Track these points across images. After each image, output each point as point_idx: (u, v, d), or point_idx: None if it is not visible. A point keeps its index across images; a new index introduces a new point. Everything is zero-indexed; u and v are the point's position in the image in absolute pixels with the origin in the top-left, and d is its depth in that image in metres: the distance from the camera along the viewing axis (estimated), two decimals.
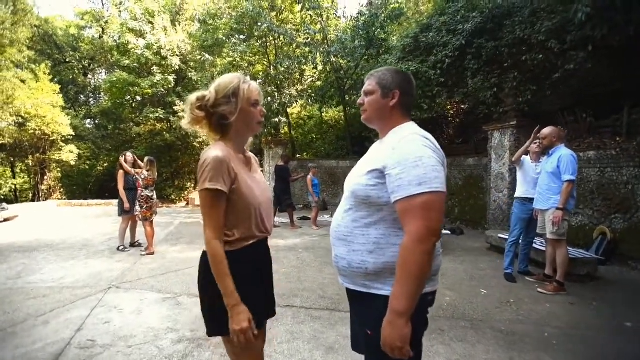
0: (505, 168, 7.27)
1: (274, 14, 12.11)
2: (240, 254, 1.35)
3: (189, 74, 15.50)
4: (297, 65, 12.03)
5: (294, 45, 12.09)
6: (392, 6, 10.99)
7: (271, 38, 12.60)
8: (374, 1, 11.68)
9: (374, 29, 10.69)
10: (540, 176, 4.07)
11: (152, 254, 5.37)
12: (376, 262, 1.24)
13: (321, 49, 11.35)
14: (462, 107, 10.57)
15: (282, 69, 12.07)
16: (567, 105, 6.71)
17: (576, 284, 4.06)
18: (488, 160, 7.70)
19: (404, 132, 1.27)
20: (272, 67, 12.84)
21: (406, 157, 1.16)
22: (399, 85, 1.34)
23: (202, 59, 12.59)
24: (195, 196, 15.03)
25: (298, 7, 12.11)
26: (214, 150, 1.30)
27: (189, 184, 18.05)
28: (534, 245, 4.64)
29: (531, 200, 4.19)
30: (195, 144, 16.01)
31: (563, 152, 3.83)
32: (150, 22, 15.35)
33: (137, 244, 5.92)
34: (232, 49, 12.22)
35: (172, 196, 17.06)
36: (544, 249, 4.45)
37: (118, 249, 5.67)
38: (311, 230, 7.82)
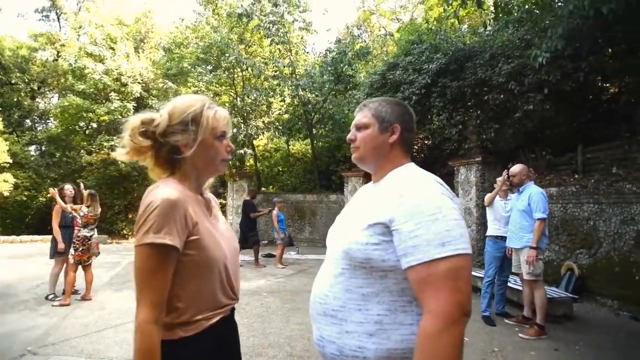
0: (473, 203, 7.34)
1: (242, 46, 12.11)
2: (199, 341, 0.95)
3: (151, 101, 14.88)
4: (264, 97, 11.93)
5: (262, 78, 12.06)
6: (359, 45, 11.41)
7: (239, 69, 12.50)
8: (342, 39, 12.10)
9: (342, 65, 10.96)
10: (512, 214, 4.03)
11: (68, 304, 4.46)
12: (379, 349, 0.91)
13: (289, 82, 11.38)
14: (426, 142, 10.88)
15: (249, 100, 11.90)
16: (525, 143, 7.02)
17: (554, 324, 3.92)
18: (454, 196, 7.79)
19: (410, 175, 1.01)
20: (238, 98, 12.65)
21: (421, 208, 0.89)
22: (400, 118, 1.09)
23: (165, 87, 12.13)
24: None
25: (267, 41, 12.23)
26: (164, 190, 0.94)
27: None
28: (509, 284, 4.51)
29: (503, 238, 4.11)
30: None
31: (533, 190, 3.82)
32: (112, 48, 14.77)
33: (75, 291, 5.04)
34: (198, 79, 11.91)
35: (124, 231, 15.66)
36: (519, 287, 4.33)
37: (47, 298, 4.77)
38: (276, 270, 7.28)
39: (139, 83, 14.72)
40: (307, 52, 13.31)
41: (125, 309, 4.42)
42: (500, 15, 7.91)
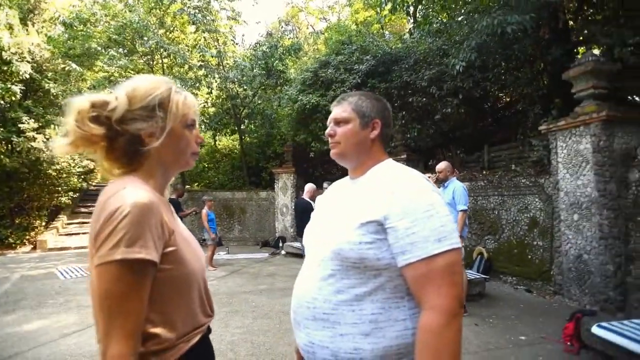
0: None
1: (162, 30, 11.04)
2: None
3: (46, 84, 12.64)
4: (189, 89, 11.10)
5: (187, 67, 11.18)
6: (290, 41, 11.34)
7: (158, 56, 11.39)
8: (273, 33, 11.89)
9: (272, 59, 10.77)
10: None
11: None
12: (375, 349, 0.90)
13: (217, 74, 10.78)
14: None
15: None
16: (442, 142, 7.82)
17: (472, 302, 4.45)
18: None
19: (397, 171, 1.01)
20: None
21: (415, 205, 0.90)
22: (380, 114, 1.08)
23: (68, 68, 10.42)
24: (49, 237, 11.84)
25: (192, 28, 11.38)
26: (133, 192, 0.77)
27: (37, 222, 14.20)
28: None
29: None
30: (50, 171, 12.82)
31: (456, 185, 4.28)
32: None
33: None
34: (109, 62, 10.50)
35: (11, 239, 13.07)
36: None
37: None
38: (208, 272, 6.85)
39: (27, 62, 12.34)
40: (237, 44, 12.77)
41: (22, 333, 3.69)
42: (421, 26, 8.66)
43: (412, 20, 10.92)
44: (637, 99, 4.74)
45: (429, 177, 4.61)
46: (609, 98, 4.52)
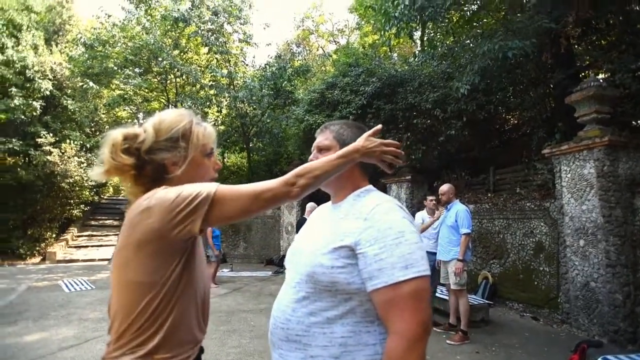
0: None
1: (176, 51, 11.50)
2: None
3: (64, 101, 13.17)
4: (200, 107, 11.42)
5: (198, 86, 11.54)
6: (299, 62, 11.65)
7: (172, 75, 11.81)
8: (282, 55, 12.24)
9: (281, 80, 11.05)
10: (441, 229, 4.41)
11: None
12: None
13: (227, 93, 11.08)
14: None
15: (184, 108, 11.28)
16: (447, 164, 7.80)
17: (475, 329, 4.33)
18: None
19: (373, 198, 1.04)
20: (170, 105, 11.89)
21: (385, 231, 0.93)
22: None
23: (85, 86, 10.86)
24: (58, 249, 12.01)
25: (205, 50, 11.81)
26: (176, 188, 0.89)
27: (48, 233, 14.46)
28: (436, 294, 4.89)
29: (433, 253, 4.47)
30: (64, 184, 13.14)
31: (459, 208, 4.25)
32: (15, 36, 12.79)
33: None
34: (125, 81, 10.92)
35: (21, 250, 13.32)
36: (445, 297, 4.71)
37: None
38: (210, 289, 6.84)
39: (49, 79, 12.91)
40: (247, 65, 13.17)
41: (22, 344, 3.73)
42: (426, 48, 8.82)
43: (418, 44, 11.16)
44: None
45: (432, 199, 4.63)
46: (612, 123, 4.50)
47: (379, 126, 1.08)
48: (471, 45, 6.13)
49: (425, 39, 8.17)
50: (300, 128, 9.04)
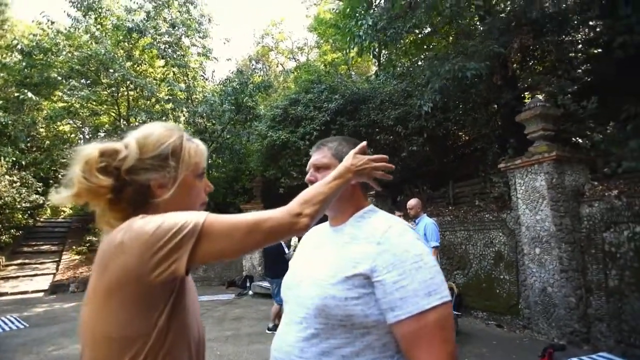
0: None
1: (130, 63, 10.90)
2: None
3: None
4: (154, 121, 10.83)
5: (154, 100, 10.98)
6: (260, 78, 11.59)
7: (124, 88, 11.13)
8: (243, 71, 12.11)
9: (242, 95, 10.89)
10: None
11: None
12: None
13: (185, 108, 10.66)
14: None
15: (137, 123, 10.63)
16: (409, 178, 8.07)
17: None
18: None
19: (381, 219, 0.97)
20: (122, 119, 11.15)
21: (402, 255, 0.86)
22: None
23: (22, 97, 9.83)
24: None
25: (161, 62, 11.33)
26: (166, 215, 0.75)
27: None
28: None
29: None
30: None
31: (427, 221, 4.37)
32: None
33: None
34: (70, 93, 10.06)
35: None
36: None
37: None
38: None
39: None
40: (207, 79, 12.82)
41: None
42: (385, 67, 9.21)
43: (377, 63, 11.65)
44: (579, 140, 5.23)
45: (400, 215, 4.72)
46: (557, 140, 4.95)
47: (364, 143, 1.01)
48: (425, 66, 6.50)
49: (382, 59, 8.54)
50: (264, 144, 8.90)
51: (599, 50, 5.36)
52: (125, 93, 11.38)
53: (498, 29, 5.69)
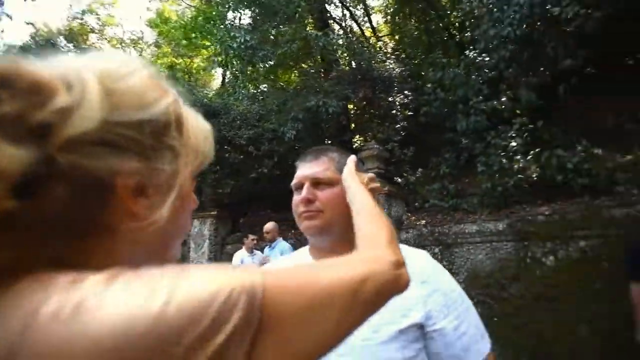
0: (205, 257, 7.18)
1: None
2: None
3: None
4: None
5: None
6: None
7: None
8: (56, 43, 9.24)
9: None
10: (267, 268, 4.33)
11: None
12: None
13: None
14: None
15: None
16: (254, 199, 7.98)
17: None
18: (186, 250, 7.36)
19: (411, 251, 0.81)
20: None
21: (451, 295, 0.73)
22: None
23: None
24: None
25: None
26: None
27: None
28: None
29: None
30: None
31: (284, 246, 4.43)
32: None
33: None
34: None
35: None
36: None
37: None
38: None
39: None
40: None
41: None
42: (236, 86, 9.03)
43: (222, 79, 11.30)
44: (399, 180, 6.53)
45: (253, 239, 4.49)
46: (385, 177, 6.00)
47: (354, 157, 0.83)
48: (289, 96, 6.82)
49: (240, 76, 8.39)
50: None
51: (412, 113, 7.01)
52: None
53: (347, 78, 6.60)
